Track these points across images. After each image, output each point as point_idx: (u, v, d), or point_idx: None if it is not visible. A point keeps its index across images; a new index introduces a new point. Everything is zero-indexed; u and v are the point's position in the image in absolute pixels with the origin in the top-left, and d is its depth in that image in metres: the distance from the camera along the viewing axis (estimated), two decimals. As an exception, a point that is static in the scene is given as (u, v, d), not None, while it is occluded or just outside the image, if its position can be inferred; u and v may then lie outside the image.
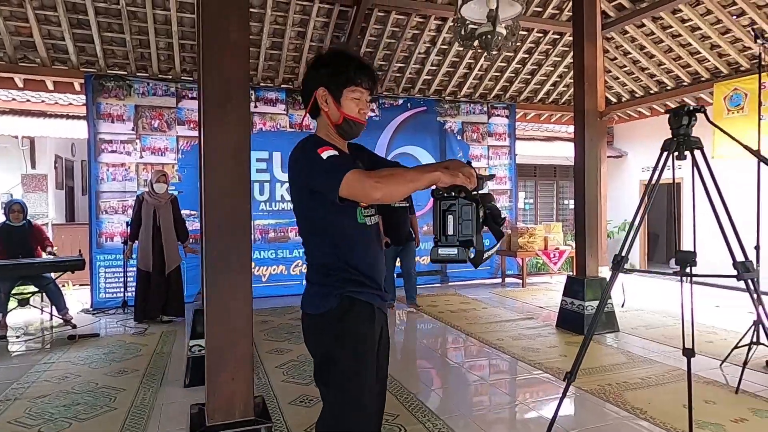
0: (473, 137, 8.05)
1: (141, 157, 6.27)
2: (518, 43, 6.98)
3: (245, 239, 1.68)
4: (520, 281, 7.72)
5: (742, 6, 5.76)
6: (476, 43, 3.30)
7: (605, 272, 7.37)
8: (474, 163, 7.86)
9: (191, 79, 6.46)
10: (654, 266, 9.90)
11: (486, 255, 1.38)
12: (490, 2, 3.18)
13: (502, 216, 1.43)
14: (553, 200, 10.98)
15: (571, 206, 10.84)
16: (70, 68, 6.02)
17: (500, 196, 8.27)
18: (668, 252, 10.21)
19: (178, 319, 5.43)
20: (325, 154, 1.41)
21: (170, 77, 6.40)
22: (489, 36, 3.21)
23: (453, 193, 1.32)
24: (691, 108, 1.99)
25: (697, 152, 2.02)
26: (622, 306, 4.34)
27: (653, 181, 2.09)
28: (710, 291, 6.59)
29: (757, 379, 3.42)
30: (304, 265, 6.23)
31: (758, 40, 3.46)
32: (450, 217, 1.30)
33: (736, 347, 3.72)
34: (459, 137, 7.94)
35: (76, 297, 6.54)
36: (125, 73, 6.21)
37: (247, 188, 1.69)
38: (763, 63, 3.83)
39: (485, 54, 3.29)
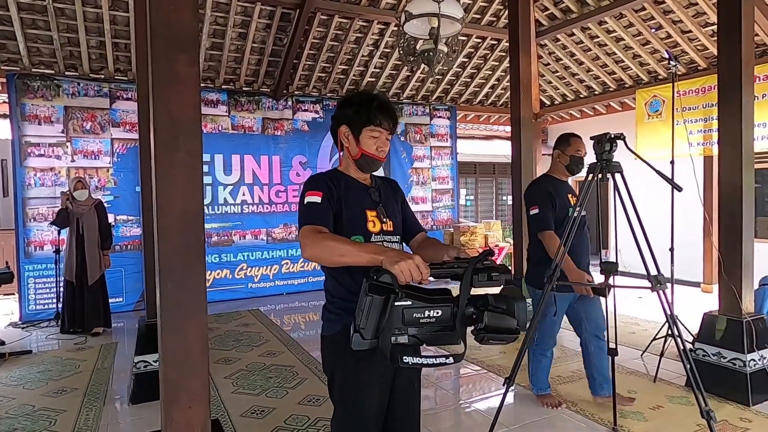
0: (416, 138, 8.23)
1: (72, 160, 5.96)
2: (457, 48, 7.22)
3: (200, 277, 1.71)
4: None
5: (659, 21, 6.25)
6: (419, 59, 3.42)
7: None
8: (416, 164, 8.12)
9: (125, 79, 6.19)
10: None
11: (408, 360, 1.23)
12: (432, 21, 3.31)
13: (506, 326, 1.27)
14: (492, 196, 11.43)
15: (509, 202, 11.34)
16: (-11, 66, 5.61)
17: (443, 196, 8.53)
18: (599, 242, 10.91)
19: (105, 330, 5.25)
20: (306, 199, 1.56)
21: (103, 77, 6.10)
22: (431, 53, 3.34)
23: (374, 278, 1.27)
24: (612, 136, 2.20)
25: (617, 175, 2.23)
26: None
27: (579, 203, 2.29)
28: (634, 282, 7.14)
29: (672, 367, 3.79)
30: (249, 269, 6.07)
31: (671, 62, 3.81)
32: (363, 300, 1.26)
33: (654, 339, 4.11)
34: (402, 138, 8.09)
35: (0, 308, 6.16)
36: (52, 72, 5.86)
37: (201, 225, 1.71)
38: (677, 73, 4.23)
39: (428, 70, 3.41)
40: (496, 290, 1.32)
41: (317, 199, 1.55)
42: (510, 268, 1.33)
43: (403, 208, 1.80)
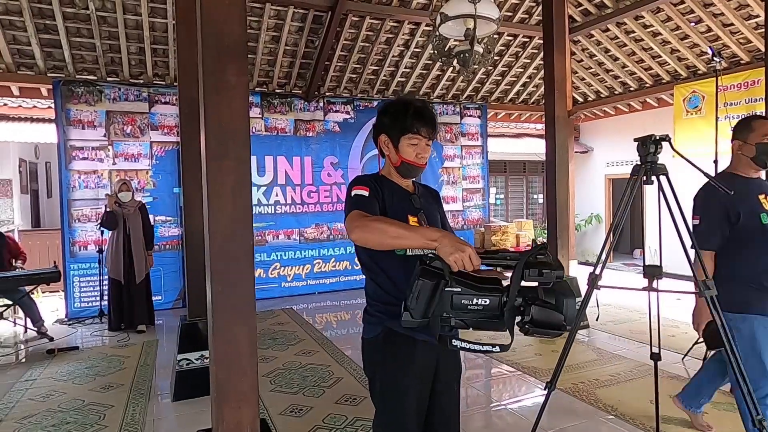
0: (447, 137, 8.21)
1: (114, 163, 6.17)
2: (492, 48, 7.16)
3: (249, 280, 1.75)
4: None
5: (699, 14, 6.06)
6: (455, 61, 3.42)
7: (574, 266, 7.67)
8: (447, 164, 8.09)
9: (163, 83, 6.37)
10: (618, 256, 10.34)
11: (456, 344, 1.31)
12: (468, 22, 3.30)
13: (554, 322, 1.28)
14: (522, 195, 11.28)
15: (540, 200, 11.19)
16: (36, 74, 5.85)
17: (473, 195, 8.48)
18: (632, 243, 10.67)
19: (149, 327, 5.41)
20: (354, 192, 1.58)
21: (142, 82, 6.30)
22: (467, 54, 3.34)
23: (428, 262, 1.33)
24: (657, 137, 2.16)
25: (662, 177, 2.19)
26: (597, 320, 4.62)
27: (624, 204, 2.25)
28: (671, 282, 6.95)
29: (716, 372, 3.68)
30: (282, 268, 6.13)
31: (715, 58, 3.70)
32: (414, 283, 1.32)
33: (696, 342, 4.00)
34: (433, 138, 8.06)
35: (47, 305, 6.42)
36: (95, 78, 6.07)
37: (249, 229, 1.76)
38: (718, 68, 4.10)
39: (462, 70, 3.41)
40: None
41: (365, 192, 1.58)
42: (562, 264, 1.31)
43: (443, 218, 1.81)
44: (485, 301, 1.32)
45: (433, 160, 8.06)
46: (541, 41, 5.53)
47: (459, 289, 1.31)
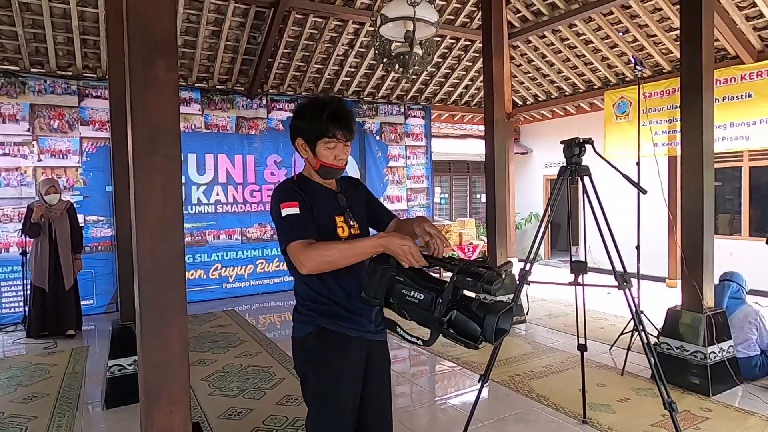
0: (391, 137, 8.29)
1: (39, 160, 5.79)
2: (432, 51, 7.28)
3: (180, 281, 1.71)
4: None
5: (626, 25, 6.45)
6: (395, 61, 3.47)
7: (514, 263, 7.89)
8: (392, 163, 8.16)
9: (95, 76, 6.05)
10: (557, 253, 10.83)
11: (400, 332, 1.50)
12: (407, 24, 3.36)
13: (479, 332, 1.33)
14: (466, 194, 11.57)
15: (483, 200, 11.51)
16: (-51, 62, 5.41)
17: (418, 194, 8.61)
18: (569, 240, 11.18)
19: (77, 332, 5.13)
20: (284, 211, 1.54)
21: (71, 74, 5.94)
22: (407, 56, 3.39)
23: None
24: (581, 140, 2.29)
25: (586, 178, 2.33)
26: (526, 313, 4.83)
27: (551, 204, 2.37)
28: (602, 278, 7.35)
29: (639, 360, 3.94)
30: (224, 269, 5.99)
31: (637, 67, 3.95)
32: (368, 264, 1.48)
33: (621, 334, 4.27)
34: (378, 138, 8.13)
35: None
36: (17, 68, 5.68)
37: (180, 229, 1.71)
38: (643, 76, 4.39)
39: (403, 72, 3.46)
40: (505, 297, 1.44)
41: (295, 210, 1.54)
42: (501, 277, 1.34)
43: (369, 203, 1.82)
44: (420, 296, 1.41)
45: (378, 159, 8.12)
46: (482, 51, 5.68)
47: (402, 279, 1.43)
